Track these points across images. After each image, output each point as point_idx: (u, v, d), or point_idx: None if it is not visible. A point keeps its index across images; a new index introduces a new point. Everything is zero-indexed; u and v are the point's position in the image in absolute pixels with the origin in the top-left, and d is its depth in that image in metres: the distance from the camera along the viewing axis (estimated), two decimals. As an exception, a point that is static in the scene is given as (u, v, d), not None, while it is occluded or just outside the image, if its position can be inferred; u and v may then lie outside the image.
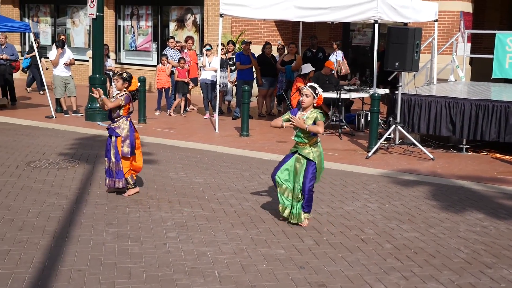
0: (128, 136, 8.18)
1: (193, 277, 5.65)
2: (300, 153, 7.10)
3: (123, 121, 8.21)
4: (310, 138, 7.05)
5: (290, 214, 7.17)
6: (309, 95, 6.99)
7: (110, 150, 8.21)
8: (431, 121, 11.66)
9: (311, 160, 7.04)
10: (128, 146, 8.17)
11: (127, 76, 8.19)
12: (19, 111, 15.72)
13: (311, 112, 7.03)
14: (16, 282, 5.41)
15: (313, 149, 7.08)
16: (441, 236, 7.01)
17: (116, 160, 8.17)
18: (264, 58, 15.22)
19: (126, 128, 8.19)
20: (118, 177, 8.22)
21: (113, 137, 8.20)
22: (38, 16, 24.36)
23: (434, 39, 14.54)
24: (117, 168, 8.19)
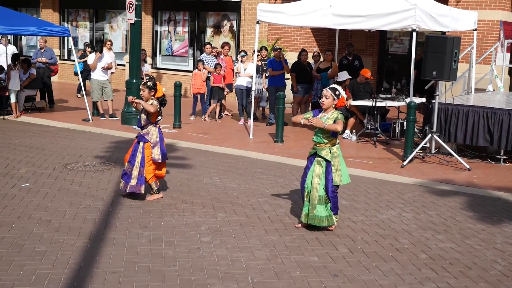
0: (157, 142, 8.22)
1: (226, 282, 5.66)
2: (319, 154, 7.15)
3: (152, 128, 8.26)
4: (329, 138, 7.10)
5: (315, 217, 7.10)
6: (329, 96, 7.04)
7: (136, 155, 8.19)
8: (468, 131, 11.52)
9: (329, 161, 7.08)
10: (159, 153, 8.20)
11: (152, 84, 8.24)
12: (57, 113, 15.96)
13: (332, 113, 7.07)
14: (52, 283, 5.48)
15: (332, 150, 7.12)
16: (477, 247, 6.91)
17: (141, 166, 8.15)
18: (300, 65, 15.20)
19: (155, 134, 8.23)
20: (139, 183, 8.16)
21: (141, 143, 8.22)
22: (77, 20, 24.73)
23: (473, 49, 14.37)
24: (140, 173, 8.15)
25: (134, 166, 8.15)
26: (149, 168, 8.20)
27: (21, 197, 8.17)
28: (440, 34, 12.87)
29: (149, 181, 8.25)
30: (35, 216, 7.38)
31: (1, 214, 7.39)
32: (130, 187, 8.16)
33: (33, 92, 16.12)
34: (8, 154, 10.79)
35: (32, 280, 5.52)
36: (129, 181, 8.15)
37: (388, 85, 19.35)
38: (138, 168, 8.14)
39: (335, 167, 7.13)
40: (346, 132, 13.59)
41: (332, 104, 7.08)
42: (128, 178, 8.18)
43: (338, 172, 7.15)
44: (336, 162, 7.14)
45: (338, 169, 7.16)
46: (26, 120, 14.82)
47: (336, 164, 7.14)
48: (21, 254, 6.13)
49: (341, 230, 7.31)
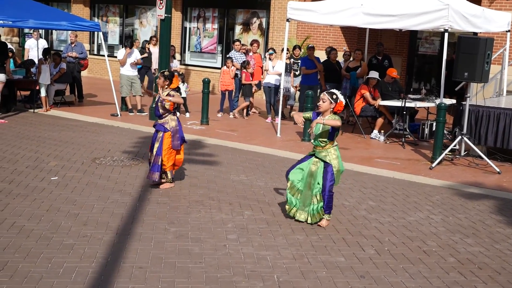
0: (177, 130, 8.58)
1: (252, 280, 5.64)
2: (317, 156, 7.29)
3: (171, 116, 8.62)
4: (326, 142, 7.23)
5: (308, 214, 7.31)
6: (326, 100, 7.15)
7: (154, 144, 8.56)
8: (499, 134, 11.35)
9: (328, 162, 7.19)
10: (178, 139, 8.57)
11: (168, 74, 8.60)
12: (86, 108, 16.09)
13: (329, 117, 7.16)
14: (79, 276, 5.52)
15: (330, 152, 7.23)
16: (507, 252, 6.81)
17: (157, 154, 8.49)
18: (328, 64, 15.14)
19: (174, 122, 8.59)
20: (153, 170, 8.51)
21: (160, 132, 8.56)
22: (107, 16, 24.90)
23: (506, 50, 14.17)
24: (155, 161, 8.49)
25: (151, 153, 8.57)
26: (170, 156, 8.56)
27: (50, 191, 8.25)
28: (472, 35, 12.69)
29: (167, 169, 8.58)
30: (64, 210, 7.44)
31: (30, 207, 7.47)
32: (149, 174, 8.57)
33: (63, 86, 16.27)
34: (37, 148, 10.90)
35: (60, 273, 5.56)
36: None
37: (417, 85, 19.16)
38: (154, 156, 8.50)
39: (336, 168, 7.24)
40: (374, 132, 13.50)
41: (330, 108, 7.17)
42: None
43: (338, 173, 7.31)
44: (336, 164, 7.25)
45: (338, 170, 7.29)
46: (56, 114, 14.97)
47: (337, 166, 7.26)
48: (49, 247, 6.19)
49: (368, 231, 7.25)
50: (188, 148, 11.54)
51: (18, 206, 7.48)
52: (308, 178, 7.31)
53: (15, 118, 14.10)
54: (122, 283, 5.44)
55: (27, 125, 13.19)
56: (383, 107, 13.47)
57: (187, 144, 11.82)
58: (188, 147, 11.60)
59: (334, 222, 7.50)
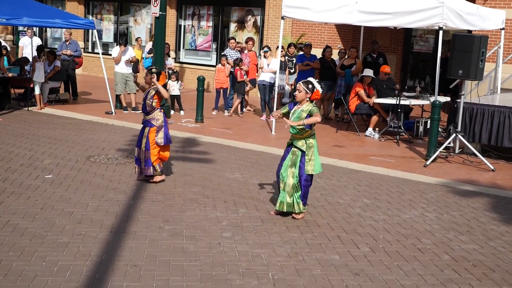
0: (162, 127, 8.73)
1: (247, 278, 5.64)
2: (295, 145, 7.42)
3: (158, 113, 8.77)
4: (304, 131, 7.35)
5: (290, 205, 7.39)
6: (301, 90, 7.30)
7: (141, 140, 8.74)
8: (493, 131, 11.37)
9: (305, 151, 7.35)
10: (162, 137, 8.71)
11: (156, 71, 8.76)
12: (80, 106, 16.05)
13: (306, 105, 7.34)
14: (74, 274, 5.51)
15: (307, 141, 7.38)
16: (501, 249, 6.82)
17: (146, 149, 8.68)
18: (324, 62, 15.14)
19: (160, 119, 8.74)
20: (146, 165, 8.71)
21: (146, 128, 8.73)
22: (101, 13, 24.84)
23: (500, 48, 14.20)
24: (146, 156, 8.69)
25: (141, 150, 8.71)
26: (153, 151, 8.72)
27: (44, 189, 8.23)
28: (466, 33, 12.70)
29: (153, 163, 8.74)
30: (58, 208, 7.43)
31: (24, 205, 7.45)
32: (142, 170, 8.74)
33: (57, 84, 16.22)
34: (32, 146, 10.87)
35: (54, 271, 5.55)
36: (139, 165, 8.76)
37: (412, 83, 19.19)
38: (144, 151, 8.69)
39: (308, 157, 7.38)
40: (369, 130, 13.52)
41: (306, 97, 7.34)
42: (139, 163, 8.76)
43: (311, 162, 7.39)
44: (310, 153, 7.38)
45: (311, 159, 7.40)
46: (50, 112, 14.93)
47: (310, 154, 7.38)
48: (44, 245, 6.18)
49: (362, 229, 7.26)
50: (182, 146, 11.53)
51: (12, 204, 7.46)
52: (290, 168, 7.41)
53: (9, 116, 14.05)
54: (117, 281, 5.44)
55: (21, 123, 13.15)
56: (378, 105, 13.48)
57: (182, 142, 11.82)
58: (183, 145, 11.59)
59: (329, 220, 7.51)
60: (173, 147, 11.40)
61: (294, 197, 7.38)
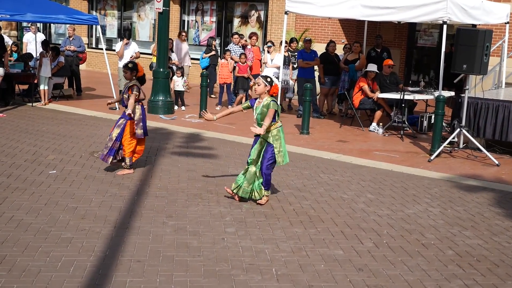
0: (141, 119, 8.86)
1: (250, 274, 5.64)
2: (262, 137, 7.64)
3: (136, 106, 8.84)
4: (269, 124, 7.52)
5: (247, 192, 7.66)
6: (260, 83, 7.52)
7: (114, 129, 8.84)
8: (498, 126, 11.35)
9: (270, 143, 7.57)
10: (141, 128, 8.85)
11: (132, 65, 8.90)
12: (84, 101, 16.06)
13: (266, 99, 7.54)
14: (77, 270, 5.51)
15: (273, 133, 7.57)
16: (506, 245, 6.80)
17: (116, 140, 8.77)
18: (327, 57, 15.11)
19: (138, 112, 8.86)
20: (109, 154, 8.80)
21: (122, 119, 8.85)
22: (105, 9, 24.84)
23: (505, 42, 14.15)
24: (113, 146, 8.78)
25: (109, 137, 8.84)
26: (130, 143, 8.88)
27: (48, 184, 8.24)
28: (470, 27, 12.66)
29: (126, 155, 8.92)
30: (62, 203, 7.43)
31: (28, 201, 7.46)
32: (103, 156, 8.84)
33: (61, 80, 16.25)
34: (36, 141, 10.88)
35: (58, 267, 5.55)
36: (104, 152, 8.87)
37: (416, 78, 19.15)
38: (113, 141, 8.78)
39: (277, 149, 7.59)
40: (372, 125, 13.50)
41: (265, 90, 7.53)
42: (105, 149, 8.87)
43: (280, 154, 7.62)
44: (278, 145, 7.60)
45: (280, 150, 7.62)
46: (54, 107, 14.95)
47: (278, 146, 7.60)
48: (48, 241, 6.18)
49: (366, 224, 7.25)
50: (186, 141, 11.53)
51: (17, 200, 7.47)
52: (256, 157, 7.69)
53: (13, 112, 14.07)
54: (120, 276, 5.44)
55: (26, 119, 13.17)
56: (382, 100, 13.46)
57: (186, 137, 11.83)
58: (187, 141, 11.59)
59: (332, 215, 7.50)
60: (177, 142, 11.41)
61: (253, 184, 7.64)
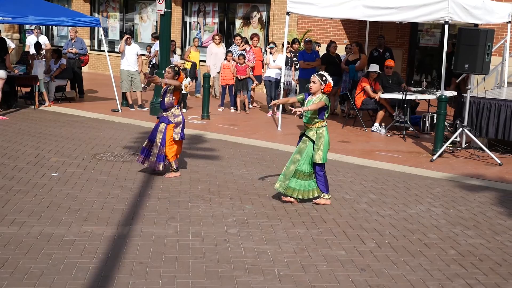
0: (180, 123, 8.89)
1: (253, 275, 5.64)
2: (306, 134, 7.80)
3: (175, 110, 8.91)
4: (316, 120, 7.74)
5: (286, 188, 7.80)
6: (316, 82, 7.73)
7: (156, 134, 8.85)
8: (500, 126, 11.33)
9: (314, 141, 7.73)
10: (180, 132, 8.86)
11: (178, 70, 8.95)
12: (86, 104, 16.08)
13: (318, 96, 7.74)
14: (80, 272, 5.52)
15: (318, 131, 7.74)
16: (508, 244, 6.80)
17: (162, 145, 8.79)
18: (328, 57, 15.10)
19: (179, 116, 8.91)
20: (159, 160, 8.82)
21: (163, 124, 8.85)
22: (107, 11, 24.86)
23: (506, 41, 14.13)
24: (160, 152, 8.80)
25: (154, 144, 8.83)
26: (171, 147, 8.89)
27: (50, 187, 8.25)
28: (472, 27, 12.65)
29: (170, 159, 8.92)
30: (64, 206, 7.44)
31: (31, 203, 7.47)
32: (149, 162, 8.89)
33: (64, 82, 16.27)
34: (38, 144, 10.90)
35: (60, 269, 5.57)
36: (149, 157, 8.89)
37: (418, 78, 19.13)
38: (158, 147, 8.79)
39: (317, 146, 7.72)
40: (375, 125, 13.49)
41: (320, 88, 7.75)
42: (146, 153, 8.92)
43: (319, 152, 7.72)
44: (320, 142, 7.73)
45: (320, 148, 7.73)
46: (57, 110, 14.97)
47: (319, 144, 7.72)
48: (50, 243, 6.19)
49: (368, 224, 7.25)
50: (188, 142, 11.53)
51: (19, 203, 7.49)
52: (296, 154, 7.82)
53: (16, 115, 14.10)
54: (123, 278, 5.45)
55: (28, 122, 13.19)
56: (384, 100, 13.45)
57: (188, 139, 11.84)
58: (189, 142, 11.60)
59: (334, 216, 7.50)
60: (179, 144, 11.43)
61: (306, 184, 7.78)
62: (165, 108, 8.93)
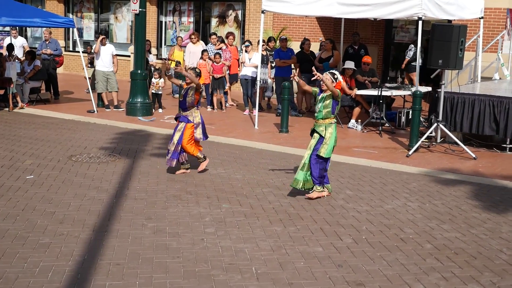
0: (199, 123, 9.20)
1: (230, 273, 5.64)
2: (316, 130, 8.08)
3: (195, 110, 9.22)
4: (329, 115, 8.05)
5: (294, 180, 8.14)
6: (328, 79, 8.01)
7: (175, 133, 9.11)
8: (474, 120, 11.44)
9: (323, 137, 8.00)
10: (201, 132, 9.22)
11: (199, 72, 9.42)
12: (62, 105, 15.95)
13: (329, 94, 8.05)
14: (56, 275, 5.48)
15: (327, 128, 8.03)
16: (483, 237, 6.87)
17: (177, 143, 9.03)
18: (302, 55, 15.13)
19: (198, 116, 9.22)
20: (173, 157, 9.05)
21: (182, 123, 9.12)
22: (82, 11, 24.68)
23: (479, 37, 14.27)
24: (175, 149, 9.03)
25: (171, 142, 9.08)
26: (191, 145, 9.17)
27: (25, 189, 8.17)
28: (446, 23, 12.75)
29: (194, 154, 9.22)
30: (40, 208, 7.38)
31: (5, 207, 7.40)
32: (168, 161, 9.11)
33: (38, 84, 16.13)
34: (13, 146, 10.79)
35: (36, 272, 5.52)
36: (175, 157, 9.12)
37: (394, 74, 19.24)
38: (175, 145, 9.04)
39: (325, 141, 8.01)
40: (351, 121, 13.55)
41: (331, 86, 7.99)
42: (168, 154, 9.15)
43: (324, 146, 7.99)
44: (328, 137, 8.00)
45: (327, 143, 8.01)
46: (31, 111, 14.83)
47: (327, 139, 8.00)
48: (25, 247, 6.13)
49: (345, 221, 7.28)
50: (165, 142, 11.48)
51: (-6, 206, 7.41)
52: (307, 150, 8.13)
53: (-10, 117, 13.96)
54: (99, 280, 5.41)
55: (2, 124, 13.05)
56: (360, 97, 13.51)
57: (164, 138, 11.80)
58: (166, 142, 11.54)
59: (311, 213, 7.53)
60: (156, 144, 11.39)
61: (305, 175, 8.07)
62: (185, 108, 9.17)
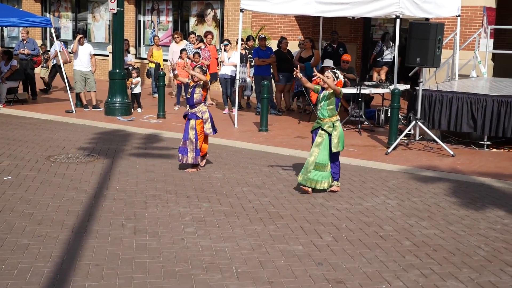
0: (208, 119, 9.33)
1: (210, 273, 5.63)
2: (322, 128, 8.25)
3: (202, 106, 9.36)
4: (332, 112, 8.26)
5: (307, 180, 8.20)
6: (330, 77, 8.18)
7: (188, 131, 9.23)
8: (452, 117, 11.54)
9: (331, 134, 8.21)
10: (210, 127, 9.36)
11: (206, 69, 9.61)
12: (40, 105, 15.83)
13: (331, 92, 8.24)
14: (34, 276, 5.43)
15: (334, 124, 8.26)
16: (461, 233, 6.93)
17: (196, 140, 9.21)
18: (280, 54, 15.13)
19: (206, 112, 9.37)
20: (197, 154, 9.25)
21: (192, 120, 9.25)
22: (59, 11, 24.50)
23: (456, 35, 14.38)
24: (195, 146, 9.21)
25: (189, 140, 9.21)
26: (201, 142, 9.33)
27: (3, 190, 8.09)
28: (423, 21, 12.84)
29: (205, 150, 9.48)
30: (18, 209, 7.31)
31: (-18, 208, 7.32)
32: (192, 159, 9.22)
33: (15, 84, 15.99)
34: (-10, 147, 10.69)
35: (14, 274, 5.46)
36: (187, 154, 9.21)
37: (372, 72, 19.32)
38: (194, 142, 9.20)
39: (334, 137, 8.23)
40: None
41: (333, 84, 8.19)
42: (185, 152, 9.23)
43: (336, 141, 8.25)
44: (335, 133, 8.23)
45: (337, 136, 8.26)
46: (8, 112, 14.69)
47: (335, 135, 8.24)
48: (3, 248, 6.07)
49: (325, 219, 7.30)
50: (145, 142, 11.46)
51: (-30, 208, 7.33)
52: (314, 148, 8.28)
53: (-33, 118, 13.80)
54: (79, 281, 5.38)
55: (-21, 125, 12.93)
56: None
57: (144, 138, 11.76)
58: (145, 142, 11.52)
59: (291, 211, 7.54)
60: (135, 144, 11.33)
61: (321, 175, 8.19)
62: (192, 104, 9.29)
